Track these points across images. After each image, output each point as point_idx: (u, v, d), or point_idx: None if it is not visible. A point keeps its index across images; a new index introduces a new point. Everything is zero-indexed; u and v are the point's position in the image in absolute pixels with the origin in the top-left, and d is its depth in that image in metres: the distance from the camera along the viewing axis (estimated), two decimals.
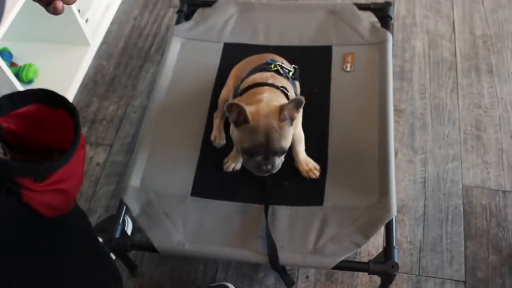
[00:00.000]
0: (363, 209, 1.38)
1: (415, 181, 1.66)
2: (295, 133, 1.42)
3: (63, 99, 0.83)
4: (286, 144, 1.26)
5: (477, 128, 1.75)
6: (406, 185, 1.64)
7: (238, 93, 1.38)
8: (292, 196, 1.46)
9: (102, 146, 1.84)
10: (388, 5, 1.80)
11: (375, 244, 1.55)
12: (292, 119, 1.25)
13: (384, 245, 1.33)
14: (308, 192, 1.46)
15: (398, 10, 2.09)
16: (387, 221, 1.34)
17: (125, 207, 1.46)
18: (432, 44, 1.99)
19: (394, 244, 1.31)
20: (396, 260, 1.28)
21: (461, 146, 1.72)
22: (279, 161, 1.28)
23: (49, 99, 0.83)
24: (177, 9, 1.92)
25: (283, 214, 1.42)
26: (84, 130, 1.88)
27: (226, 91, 1.57)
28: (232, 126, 1.42)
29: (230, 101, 1.40)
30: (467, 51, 1.96)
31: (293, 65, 1.50)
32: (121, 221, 1.43)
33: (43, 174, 0.78)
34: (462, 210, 1.59)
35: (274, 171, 1.29)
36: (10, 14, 1.62)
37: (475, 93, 1.84)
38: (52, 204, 0.85)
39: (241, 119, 1.23)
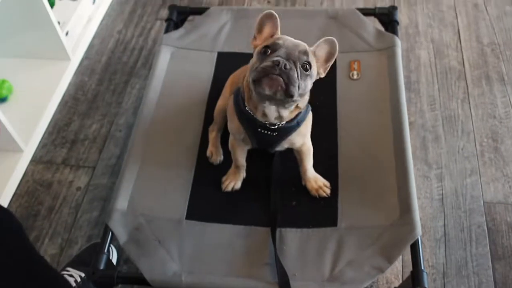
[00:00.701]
0: (383, 228, 1.23)
1: (432, 198, 1.51)
2: (304, 144, 1.27)
3: None
4: (312, 61, 1.06)
5: (494, 140, 1.62)
6: (422, 203, 1.49)
7: (242, 91, 1.19)
8: (302, 217, 1.30)
9: (83, 169, 1.66)
10: (394, 9, 1.69)
11: (393, 270, 1.38)
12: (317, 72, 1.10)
13: (402, 268, 1.18)
14: (320, 212, 1.30)
15: (400, 20, 1.97)
16: (412, 241, 1.18)
17: (110, 233, 1.28)
18: (438, 53, 1.87)
19: (422, 267, 1.15)
20: (426, 286, 1.12)
21: (478, 159, 1.58)
22: (295, 78, 1.02)
23: None
24: (165, 19, 1.78)
25: (293, 237, 1.26)
26: (63, 152, 1.70)
27: (223, 101, 1.42)
28: (230, 124, 1.26)
29: (230, 107, 1.24)
30: (476, 60, 1.84)
31: None
32: (106, 250, 1.25)
33: None
34: (486, 228, 1.44)
35: (286, 86, 1.01)
36: None
37: (488, 103, 1.71)
38: None
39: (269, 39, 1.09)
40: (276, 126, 1.15)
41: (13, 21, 1.79)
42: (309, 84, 1.07)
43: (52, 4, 1.94)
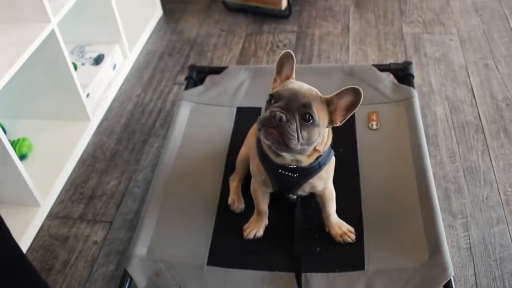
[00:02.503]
0: (413, 270, 1.18)
1: (459, 247, 1.46)
2: (326, 188, 1.25)
3: None
4: (313, 112, 1.02)
5: None
6: (450, 252, 1.43)
7: None
8: (327, 261, 1.25)
9: (100, 223, 1.63)
10: (408, 64, 1.73)
11: None
12: (331, 120, 1.08)
13: None
14: (346, 256, 1.26)
15: None
16: (445, 282, 1.13)
17: (129, 280, 1.23)
18: (453, 109, 1.89)
19: None
20: None
21: (503, 207, 1.54)
22: (294, 128, 1.01)
23: None
24: (184, 78, 1.83)
25: (319, 282, 1.21)
26: (80, 207, 1.68)
27: (246, 149, 1.42)
28: (251, 164, 1.25)
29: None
30: (492, 114, 1.86)
31: None
32: None
33: None
34: None
35: (285, 134, 1.00)
36: None
37: (508, 154, 1.70)
38: None
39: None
40: (295, 166, 1.14)
41: (37, 83, 1.85)
42: (315, 133, 1.05)
43: (75, 68, 2.01)
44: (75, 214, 1.67)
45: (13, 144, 1.76)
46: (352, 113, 1.07)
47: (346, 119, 1.09)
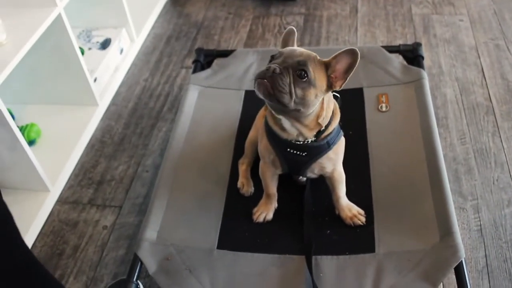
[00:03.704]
0: (424, 252, 1.17)
1: (470, 229, 1.45)
2: (335, 170, 1.24)
3: None
4: (308, 70, 1.02)
5: None
6: (460, 234, 1.42)
7: None
8: (338, 244, 1.25)
9: (110, 208, 1.64)
10: (418, 45, 1.71)
11: None
12: (331, 84, 1.07)
13: None
14: (356, 239, 1.25)
15: None
16: (456, 264, 1.12)
17: (139, 264, 1.24)
18: (463, 90, 1.87)
19: None
20: None
21: None
22: (287, 81, 1.00)
23: None
24: (192, 61, 1.82)
25: (329, 264, 1.20)
26: (89, 192, 1.69)
27: (254, 132, 1.42)
28: (260, 145, 1.24)
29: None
30: (502, 95, 1.83)
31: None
32: (135, 279, 1.20)
33: None
34: None
35: (276, 86, 1.00)
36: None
37: None
38: None
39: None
40: (302, 143, 1.13)
41: (45, 68, 1.84)
42: (311, 93, 1.03)
43: (82, 53, 2.00)
44: (85, 199, 1.67)
45: (22, 129, 1.76)
46: (351, 74, 1.06)
47: (345, 82, 1.07)
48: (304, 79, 1.02)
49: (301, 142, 1.13)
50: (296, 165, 1.20)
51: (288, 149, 1.16)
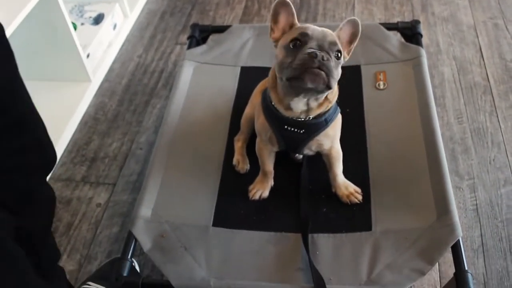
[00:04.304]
0: (421, 231, 1.17)
1: (466, 209, 1.45)
2: (332, 147, 1.22)
3: None
4: (340, 49, 1.02)
5: None
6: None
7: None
8: (334, 222, 1.24)
9: (103, 185, 1.62)
10: (416, 23, 1.69)
11: (430, 281, 1.31)
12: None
13: (440, 279, 1.10)
14: (352, 217, 1.25)
15: None
16: (453, 242, 1.12)
17: (134, 241, 1.22)
18: (461, 69, 1.86)
19: (466, 268, 1.08)
20: (471, 287, 1.04)
21: (511, 169, 1.52)
22: (333, 69, 0.99)
23: None
24: (187, 37, 1.79)
25: (326, 243, 1.20)
26: (82, 169, 1.67)
27: (250, 109, 1.39)
28: (256, 122, 1.22)
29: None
30: (500, 75, 1.82)
31: None
32: (129, 256, 1.19)
33: None
34: None
35: (327, 78, 0.98)
36: None
37: None
38: None
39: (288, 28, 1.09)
40: (302, 119, 1.12)
41: (36, 43, 1.80)
42: (340, 71, 1.04)
43: (74, 28, 1.96)
44: (78, 177, 1.65)
45: None
46: (355, 44, 1.10)
47: (351, 51, 1.11)
48: (339, 60, 1.02)
49: (301, 119, 1.12)
50: (294, 143, 1.18)
51: (286, 127, 1.14)
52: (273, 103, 1.12)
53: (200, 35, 1.77)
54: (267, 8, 2.27)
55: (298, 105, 1.09)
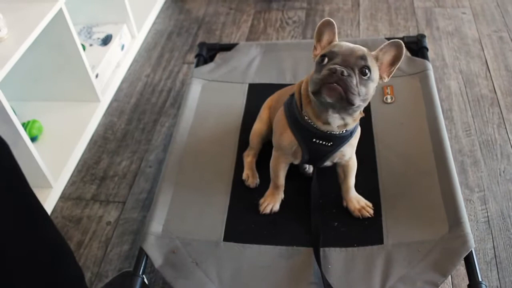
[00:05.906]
0: (433, 243, 1.16)
1: (477, 221, 1.44)
2: (351, 158, 1.23)
3: None
4: (369, 65, 1.02)
5: None
6: None
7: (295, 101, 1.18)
8: (345, 236, 1.24)
9: (113, 204, 1.62)
10: (422, 37, 1.70)
11: None
12: (380, 76, 1.06)
13: None
14: (364, 231, 1.24)
15: None
16: (466, 253, 1.11)
17: (145, 257, 1.22)
18: (467, 82, 1.86)
19: (480, 279, 1.07)
20: None
21: None
22: (355, 83, 1.00)
23: None
24: (195, 55, 1.81)
25: (337, 257, 1.19)
26: (92, 188, 1.68)
27: (260, 124, 1.40)
28: (279, 137, 1.21)
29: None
30: (507, 87, 1.82)
31: None
32: (140, 273, 1.19)
33: None
34: None
35: (349, 89, 0.99)
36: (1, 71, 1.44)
37: None
38: None
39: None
40: (330, 133, 1.13)
41: (46, 65, 1.83)
42: (370, 88, 1.04)
43: (83, 49, 1.99)
44: (88, 195, 1.66)
45: (24, 126, 1.74)
46: (397, 66, 1.07)
47: (392, 73, 1.09)
48: (367, 76, 1.01)
49: (331, 133, 1.13)
50: (318, 155, 1.19)
51: (314, 140, 1.15)
52: (306, 118, 1.13)
53: (207, 53, 1.79)
54: (273, 27, 2.30)
55: (335, 120, 1.10)
